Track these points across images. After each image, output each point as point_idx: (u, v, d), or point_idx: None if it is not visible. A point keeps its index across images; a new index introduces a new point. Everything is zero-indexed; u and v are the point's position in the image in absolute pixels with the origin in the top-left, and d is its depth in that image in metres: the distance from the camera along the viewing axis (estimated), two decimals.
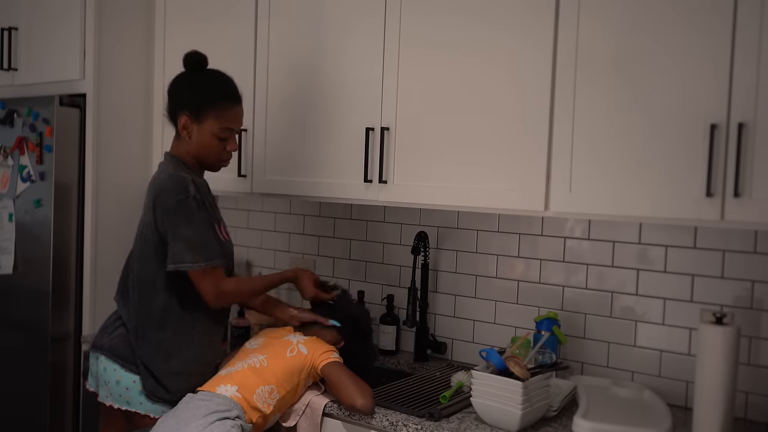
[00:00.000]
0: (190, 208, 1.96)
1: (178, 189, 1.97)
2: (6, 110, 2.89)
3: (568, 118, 1.91)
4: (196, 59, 2.09)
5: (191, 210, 1.96)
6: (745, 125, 1.65)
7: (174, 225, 1.95)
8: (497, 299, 2.44)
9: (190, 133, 2.06)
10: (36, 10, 2.93)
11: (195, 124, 2.05)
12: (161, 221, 1.97)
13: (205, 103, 2.04)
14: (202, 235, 1.97)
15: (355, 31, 2.32)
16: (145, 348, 2.01)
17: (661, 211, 1.77)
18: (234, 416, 1.85)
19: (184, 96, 2.06)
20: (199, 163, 2.11)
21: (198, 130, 2.05)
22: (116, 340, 2.04)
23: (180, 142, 2.10)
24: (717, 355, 1.73)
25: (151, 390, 1.98)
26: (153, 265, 2.01)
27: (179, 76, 2.12)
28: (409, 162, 2.21)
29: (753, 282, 1.98)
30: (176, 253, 1.94)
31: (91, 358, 2.11)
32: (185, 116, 2.05)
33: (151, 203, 1.99)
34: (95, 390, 2.12)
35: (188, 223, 1.95)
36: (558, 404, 1.96)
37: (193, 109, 2.04)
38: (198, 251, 1.95)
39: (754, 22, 1.64)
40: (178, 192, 1.96)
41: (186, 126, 2.05)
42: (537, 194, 1.96)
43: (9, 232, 2.89)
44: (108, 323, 2.12)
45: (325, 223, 2.89)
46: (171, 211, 1.95)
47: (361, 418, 1.94)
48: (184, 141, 2.09)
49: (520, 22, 1.98)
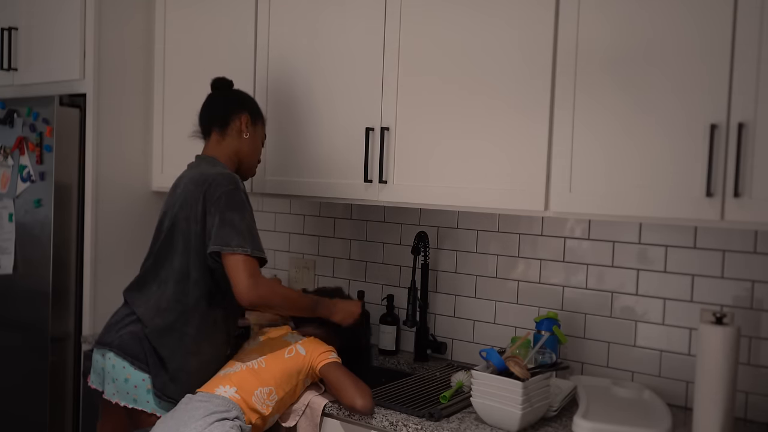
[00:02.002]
0: (242, 199, 2.01)
1: (230, 181, 2.03)
2: (6, 110, 2.89)
3: (568, 118, 1.91)
4: (226, 81, 2.27)
5: (242, 201, 2.01)
6: (745, 125, 1.65)
7: (223, 211, 1.97)
8: (497, 299, 2.44)
9: (249, 132, 2.20)
10: (36, 10, 2.93)
11: (251, 126, 2.21)
12: (209, 211, 1.99)
13: (259, 111, 2.26)
14: (251, 226, 2.00)
15: (355, 31, 2.32)
16: (168, 341, 2.00)
17: (661, 211, 1.77)
18: (233, 417, 1.85)
19: (246, 100, 2.24)
20: (239, 166, 2.21)
21: (253, 132, 2.22)
22: (126, 337, 2.03)
23: (222, 145, 2.17)
24: (717, 355, 1.73)
25: (160, 387, 1.97)
26: (188, 257, 2.02)
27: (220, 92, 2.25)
28: (409, 162, 2.21)
29: (753, 282, 1.98)
30: (223, 236, 1.95)
31: (96, 354, 2.10)
32: (247, 116, 2.20)
33: (201, 195, 2.01)
34: (98, 387, 2.10)
35: (239, 211, 1.99)
36: (558, 404, 1.96)
37: (252, 112, 2.22)
38: (245, 238, 1.95)
39: (754, 21, 1.64)
40: (230, 183, 2.02)
41: (247, 125, 2.19)
42: (537, 194, 1.96)
43: (9, 232, 2.89)
44: (116, 320, 2.10)
45: (325, 223, 2.89)
46: (222, 199, 1.98)
47: (361, 418, 1.94)
48: (234, 141, 2.18)
49: (520, 21, 1.98)
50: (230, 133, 2.18)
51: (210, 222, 1.98)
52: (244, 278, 1.93)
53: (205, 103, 2.25)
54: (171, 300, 2.03)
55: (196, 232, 2.01)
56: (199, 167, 2.13)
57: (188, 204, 2.03)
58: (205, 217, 2.00)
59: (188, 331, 2.02)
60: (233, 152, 2.18)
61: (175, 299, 2.03)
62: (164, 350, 2.00)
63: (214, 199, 1.99)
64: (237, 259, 1.94)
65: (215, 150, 2.18)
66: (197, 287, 2.03)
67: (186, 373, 2.01)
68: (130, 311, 2.09)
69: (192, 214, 2.02)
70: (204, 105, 2.25)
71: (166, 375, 1.99)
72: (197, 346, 2.03)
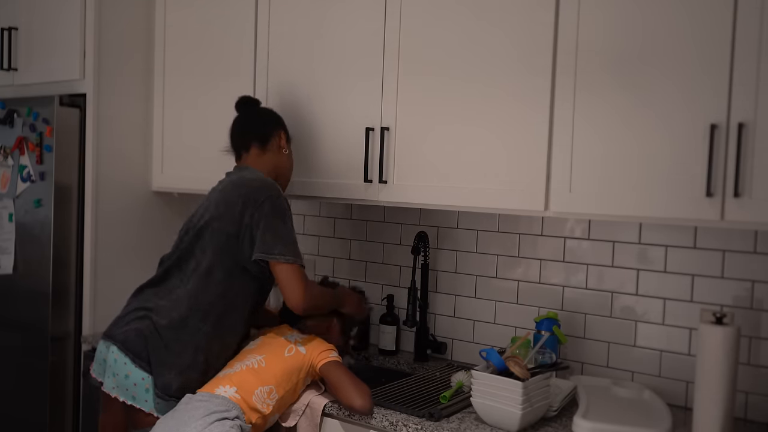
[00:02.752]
0: (284, 207, 2.05)
1: (272, 189, 2.07)
2: (6, 110, 2.89)
3: (567, 118, 1.91)
4: (253, 100, 2.35)
5: (284, 209, 2.05)
6: (745, 125, 1.65)
7: (267, 218, 2.00)
8: (497, 299, 2.44)
9: (287, 149, 2.29)
10: (36, 10, 2.93)
11: (287, 144, 2.30)
12: (251, 215, 2.01)
13: (288, 130, 2.33)
14: (292, 235, 2.04)
15: (355, 31, 2.32)
16: (182, 335, 2.00)
17: (661, 211, 1.77)
18: (233, 416, 1.85)
19: (280, 118, 2.31)
20: (277, 180, 2.24)
21: (289, 148, 2.31)
22: (131, 333, 2.03)
23: (263, 159, 2.23)
24: (717, 355, 1.73)
25: (163, 386, 1.97)
26: (216, 257, 2.03)
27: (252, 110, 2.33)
28: (409, 162, 2.21)
29: (753, 282, 1.98)
30: (267, 243, 1.99)
31: (101, 345, 2.10)
32: (284, 133, 2.29)
33: (240, 198, 2.03)
34: (98, 376, 2.10)
35: (282, 220, 2.03)
36: (558, 404, 1.96)
37: (286, 130, 2.31)
38: (289, 247, 2.01)
39: (754, 21, 1.64)
40: (272, 190, 2.05)
41: (286, 142, 2.29)
42: (537, 194, 1.96)
43: (9, 232, 2.89)
44: (124, 314, 2.11)
45: (325, 223, 2.89)
46: (264, 206, 2.01)
47: (361, 418, 1.94)
48: (274, 156, 2.25)
49: (519, 21, 1.98)
50: (270, 148, 2.24)
51: (253, 226, 2.01)
52: (299, 288, 2.00)
53: (240, 119, 2.30)
54: (191, 296, 2.04)
55: (230, 233, 2.03)
56: (240, 173, 2.17)
57: (225, 204, 2.05)
58: (242, 219, 2.02)
59: (203, 329, 2.02)
60: (273, 167, 2.24)
61: (195, 295, 2.04)
62: (177, 345, 2.00)
63: (257, 204, 2.02)
64: (289, 269, 2.00)
65: (256, 163, 2.22)
66: (220, 287, 2.04)
67: (193, 369, 2.00)
68: (139, 306, 2.09)
69: (228, 214, 2.04)
70: (239, 121, 2.29)
71: (171, 372, 1.98)
72: (209, 344, 2.03)
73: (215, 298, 2.04)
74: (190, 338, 2.01)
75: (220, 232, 2.04)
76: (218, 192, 2.12)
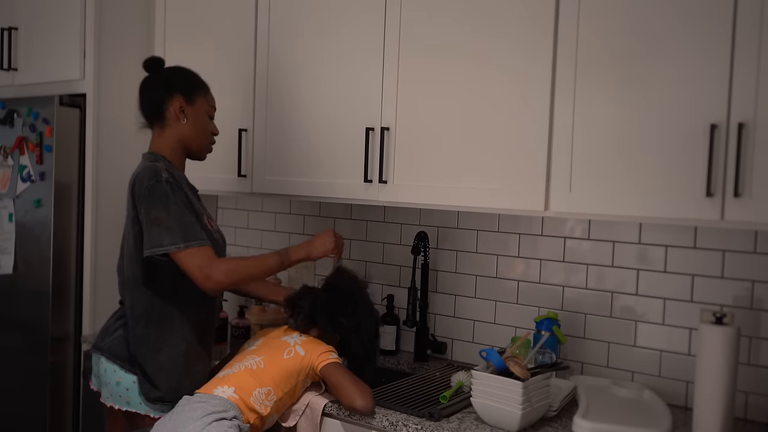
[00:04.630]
0: (164, 191, 1.91)
1: (150, 175, 1.94)
2: (6, 110, 2.90)
3: (568, 118, 1.91)
4: (156, 60, 2.14)
5: (165, 193, 1.91)
6: (745, 125, 1.65)
7: (148, 210, 1.90)
8: (497, 299, 2.44)
9: (187, 115, 2.09)
10: (36, 10, 2.93)
11: (189, 106, 2.09)
12: (139, 210, 1.93)
13: (195, 84, 2.12)
14: (179, 217, 1.91)
15: (355, 31, 2.32)
16: (136, 345, 2.00)
17: (662, 211, 1.77)
18: (231, 417, 1.85)
19: (174, 82, 2.10)
20: (188, 149, 2.12)
21: (192, 111, 2.10)
22: (116, 341, 2.04)
23: (163, 137, 2.09)
24: (717, 355, 1.73)
25: (145, 392, 1.98)
26: (135, 260, 1.99)
27: (152, 75, 2.13)
28: (409, 162, 2.21)
29: (753, 282, 1.98)
30: (153, 238, 1.89)
31: (93, 358, 2.11)
32: (180, 99, 2.07)
33: (130, 197, 1.97)
34: (98, 389, 2.12)
35: (163, 206, 1.90)
36: (558, 404, 1.96)
37: (185, 91, 2.09)
38: (175, 233, 1.88)
39: (754, 21, 1.64)
40: (150, 178, 1.93)
41: (182, 108, 2.08)
42: (537, 194, 1.96)
43: (9, 232, 2.89)
44: (108, 324, 2.11)
45: (325, 223, 2.89)
46: (144, 198, 1.92)
47: (361, 419, 1.94)
48: (173, 130, 2.08)
49: (520, 22, 1.98)
50: (169, 123, 2.08)
51: (142, 222, 1.93)
52: (195, 271, 1.88)
53: (140, 92, 2.13)
54: (131, 307, 2.02)
55: (134, 235, 1.97)
56: (139, 164, 2.07)
57: (127, 208, 2.00)
58: (138, 218, 1.95)
59: (151, 332, 2.00)
60: (176, 141, 2.09)
61: (132, 305, 2.02)
62: (137, 353, 2.00)
63: (140, 198, 1.93)
64: (179, 257, 1.89)
65: (157, 144, 2.10)
66: (148, 289, 2.00)
67: (160, 371, 1.99)
68: (121, 314, 2.10)
69: (129, 218, 1.99)
70: (139, 94, 2.13)
71: (147, 380, 1.99)
72: (164, 343, 2.01)
73: (149, 301, 2.00)
74: (144, 344, 2.00)
75: (128, 236, 2.00)
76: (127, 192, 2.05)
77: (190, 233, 1.90)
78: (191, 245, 1.89)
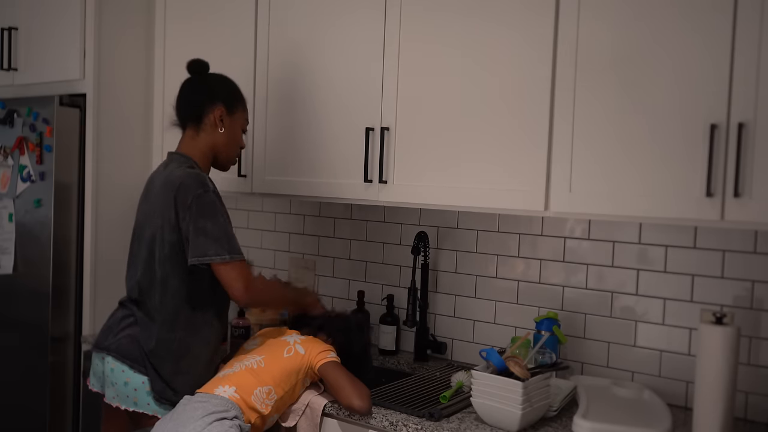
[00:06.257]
0: (212, 201, 1.97)
1: (198, 184, 1.97)
2: (6, 110, 2.89)
3: (568, 118, 1.91)
4: (201, 64, 2.18)
5: (213, 203, 1.97)
6: (745, 125, 1.65)
7: (196, 219, 1.94)
8: (497, 299, 2.44)
9: (225, 125, 2.13)
10: (36, 10, 2.93)
11: (229, 117, 2.14)
12: (183, 218, 1.96)
13: (237, 97, 2.19)
14: (226, 229, 1.97)
15: (355, 30, 2.32)
16: (155, 348, 2.00)
17: (661, 211, 1.77)
18: (232, 416, 1.85)
19: (218, 90, 2.15)
20: (217, 158, 2.16)
21: (231, 122, 2.15)
22: (124, 341, 2.03)
23: (196, 141, 2.12)
24: (717, 355, 1.73)
25: (159, 391, 1.98)
26: (169, 266, 2.00)
27: (196, 78, 2.17)
28: (409, 162, 2.21)
29: (753, 282, 1.98)
30: (199, 246, 1.93)
31: (95, 358, 2.10)
32: (222, 109, 2.12)
33: (171, 201, 1.97)
34: (99, 390, 2.11)
35: (211, 216, 1.95)
36: (558, 404, 1.96)
37: (228, 101, 2.14)
38: (221, 244, 1.94)
39: (754, 21, 1.64)
40: (198, 186, 1.97)
41: (222, 117, 2.13)
42: (537, 194, 1.96)
43: (9, 232, 2.89)
44: (111, 323, 2.10)
45: (325, 223, 2.89)
46: (193, 206, 1.94)
47: (361, 419, 1.94)
48: (209, 137, 2.12)
49: (519, 22, 1.98)
50: (205, 128, 2.12)
51: (185, 231, 1.96)
52: (238, 283, 1.95)
53: (181, 92, 2.17)
54: (157, 310, 2.02)
55: (171, 241, 1.98)
56: (168, 167, 2.08)
57: (162, 212, 2.00)
58: (179, 225, 1.97)
59: (176, 336, 2.01)
60: (208, 148, 2.13)
61: (158, 310, 2.02)
62: (155, 356, 2.00)
63: (186, 207, 1.95)
64: (221, 268, 1.94)
65: (188, 147, 2.12)
66: (178, 295, 2.01)
67: (179, 375, 2.00)
68: (128, 313, 2.08)
69: (166, 222, 1.99)
70: (180, 94, 2.17)
71: (162, 381, 1.99)
72: (187, 350, 2.02)
73: (177, 307, 2.01)
74: (167, 348, 2.00)
75: (163, 242, 2.00)
76: (153, 197, 2.06)
77: (234, 246, 1.97)
78: (235, 258, 1.95)
